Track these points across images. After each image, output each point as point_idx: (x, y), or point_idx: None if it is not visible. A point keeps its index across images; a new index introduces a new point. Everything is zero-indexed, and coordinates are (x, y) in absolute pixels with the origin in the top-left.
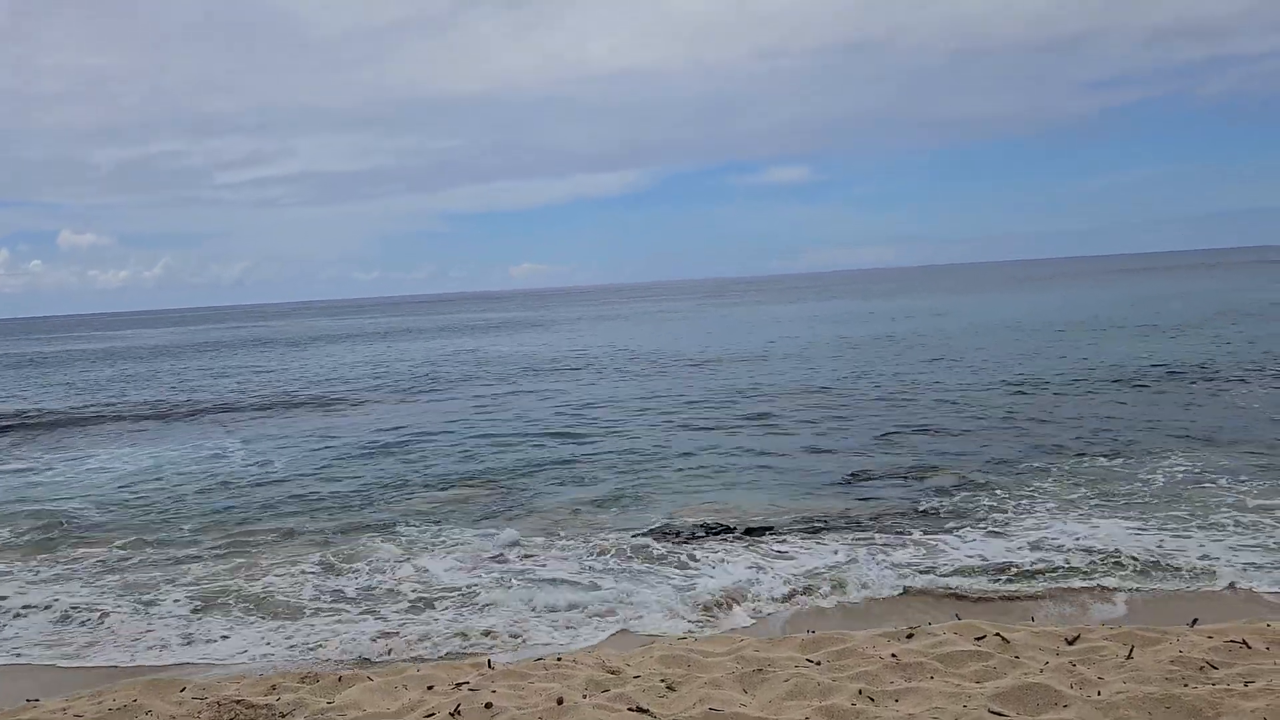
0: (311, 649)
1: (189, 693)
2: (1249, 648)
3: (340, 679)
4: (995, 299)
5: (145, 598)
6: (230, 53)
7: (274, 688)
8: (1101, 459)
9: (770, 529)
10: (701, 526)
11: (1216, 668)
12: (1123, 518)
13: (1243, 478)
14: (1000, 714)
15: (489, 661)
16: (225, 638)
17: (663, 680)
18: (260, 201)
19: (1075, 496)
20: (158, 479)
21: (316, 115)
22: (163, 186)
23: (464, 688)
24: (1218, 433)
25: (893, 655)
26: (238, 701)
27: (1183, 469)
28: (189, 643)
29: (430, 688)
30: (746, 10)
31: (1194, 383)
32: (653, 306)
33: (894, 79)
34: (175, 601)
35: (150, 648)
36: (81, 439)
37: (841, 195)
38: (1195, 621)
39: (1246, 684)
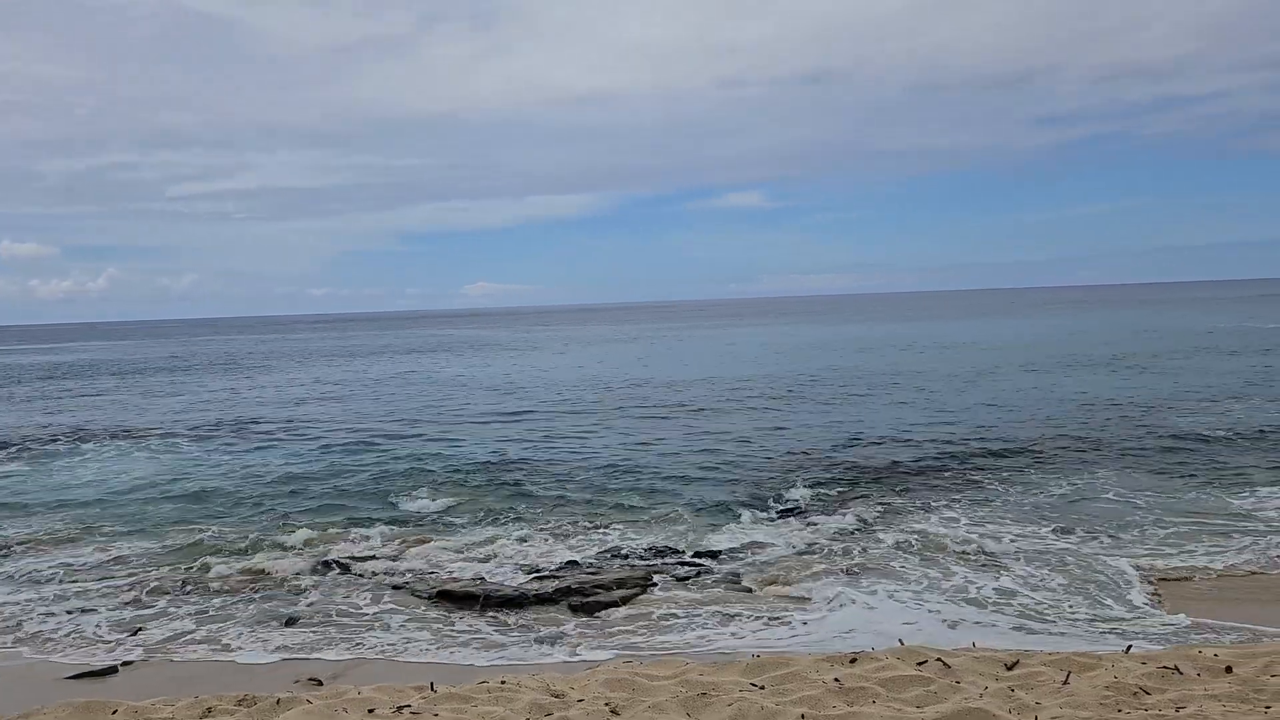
0: None
1: (121, 714)
2: (1181, 673)
3: (279, 701)
4: (945, 327)
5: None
6: (189, 68)
7: (209, 710)
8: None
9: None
10: (649, 549)
11: (1150, 693)
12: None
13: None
14: None
15: (431, 684)
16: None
17: (607, 704)
18: (214, 215)
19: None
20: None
21: (275, 131)
22: (113, 198)
23: (405, 711)
24: (1153, 455)
25: (836, 680)
26: None
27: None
28: None
29: (371, 711)
30: (710, 39)
31: (1133, 410)
32: (607, 330)
33: (851, 111)
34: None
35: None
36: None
37: (798, 223)
38: (1130, 648)
39: (1178, 709)
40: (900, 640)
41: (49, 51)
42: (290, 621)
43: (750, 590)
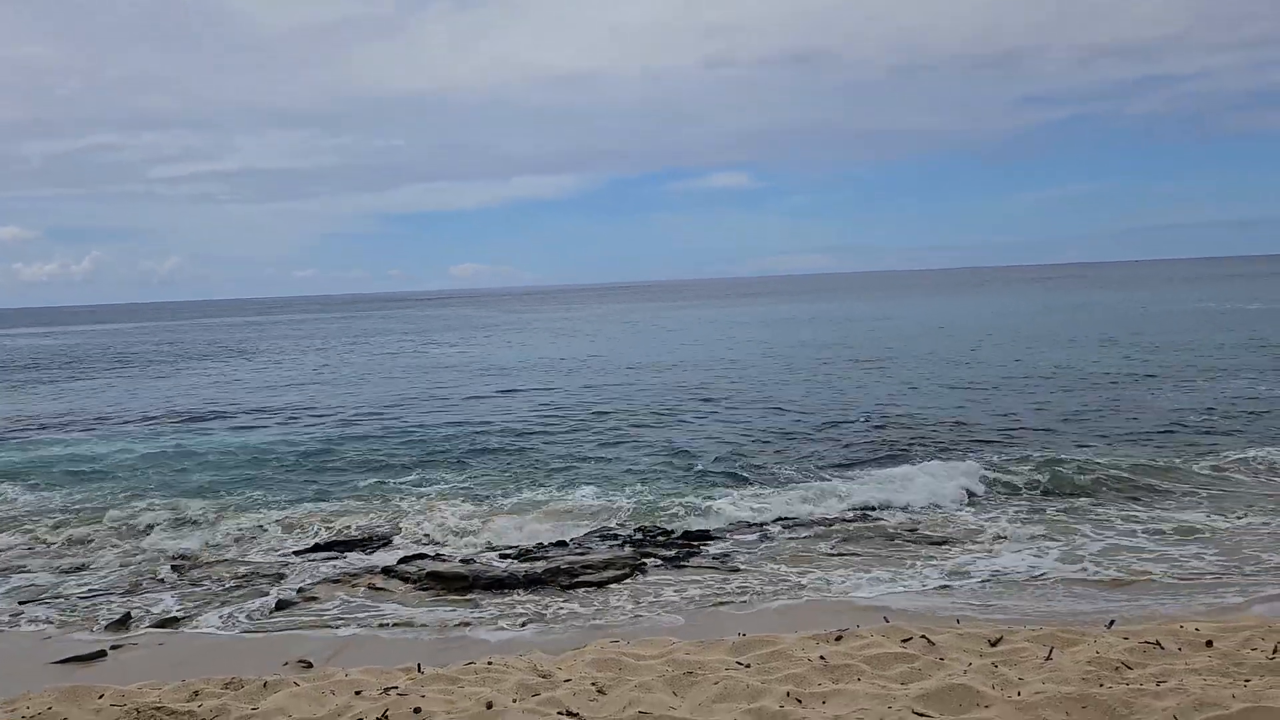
0: None
1: (107, 699)
2: (1162, 648)
3: (265, 684)
4: (925, 304)
5: None
6: (172, 49)
7: (196, 694)
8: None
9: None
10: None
11: (1131, 668)
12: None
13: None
14: (924, 715)
15: (419, 665)
16: None
17: (593, 684)
18: (197, 197)
19: None
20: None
21: (258, 112)
22: (96, 180)
23: (393, 692)
24: (1118, 434)
25: (821, 657)
26: (158, 708)
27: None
28: None
29: (358, 693)
30: (696, 19)
31: (1101, 385)
32: (597, 310)
33: (836, 91)
34: None
35: None
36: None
37: (782, 203)
38: (1113, 623)
39: (1159, 684)
40: (885, 618)
41: (28, 33)
42: (279, 605)
43: (739, 570)
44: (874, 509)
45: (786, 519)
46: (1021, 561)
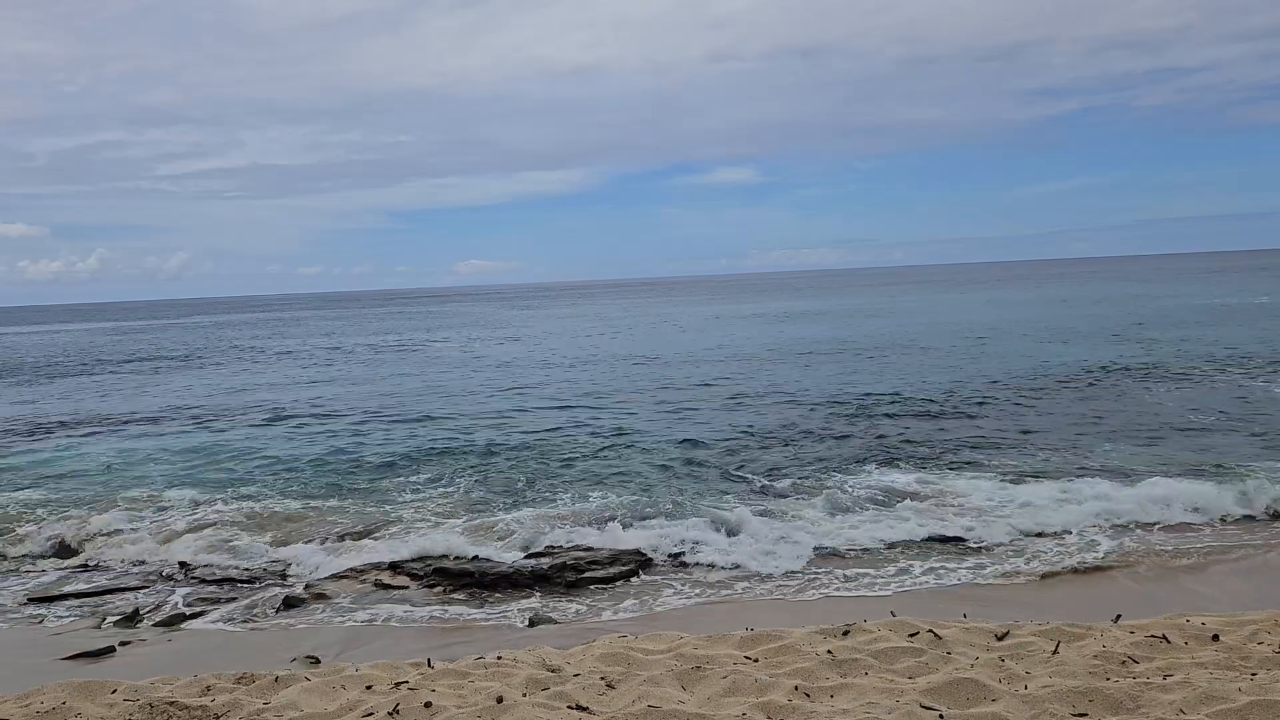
0: None
1: (120, 694)
2: (1168, 642)
3: (277, 679)
4: (933, 301)
5: None
6: (177, 45)
7: (209, 689)
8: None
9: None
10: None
11: (1138, 662)
12: None
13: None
14: (931, 708)
15: (429, 661)
16: None
17: (603, 678)
18: (203, 194)
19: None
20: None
21: (264, 108)
22: (101, 177)
23: (403, 687)
24: (1125, 429)
25: (829, 652)
26: (170, 703)
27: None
28: None
29: (369, 687)
30: (700, 13)
31: (1106, 381)
32: (602, 307)
33: (842, 84)
34: None
35: None
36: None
37: (788, 198)
38: (1119, 617)
39: (1165, 677)
40: (892, 612)
41: (32, 29)
42: (287, 602)
43: (745, 567)
44: (880, 509)
45: (793, 519)
46: (1030, 555)
